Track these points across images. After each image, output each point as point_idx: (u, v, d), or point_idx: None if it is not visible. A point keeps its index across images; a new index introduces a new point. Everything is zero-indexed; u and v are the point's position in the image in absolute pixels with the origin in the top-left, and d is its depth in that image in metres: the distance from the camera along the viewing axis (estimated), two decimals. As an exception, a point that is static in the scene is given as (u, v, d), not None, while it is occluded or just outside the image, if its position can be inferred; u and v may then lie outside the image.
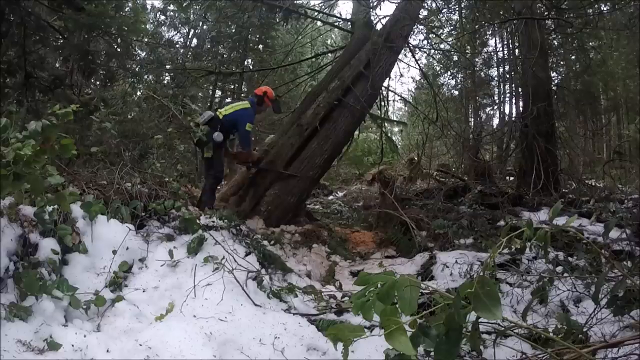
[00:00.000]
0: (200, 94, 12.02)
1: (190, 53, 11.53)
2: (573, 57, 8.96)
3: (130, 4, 8.81)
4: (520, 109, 8.18)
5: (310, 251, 4.25)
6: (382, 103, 6.95)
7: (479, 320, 1.10)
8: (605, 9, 6.45)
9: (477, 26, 7.44)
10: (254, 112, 4.44)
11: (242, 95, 11.97)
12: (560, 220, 1.46)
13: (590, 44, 8.54)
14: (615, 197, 5.26)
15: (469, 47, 8.74)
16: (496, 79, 11.39)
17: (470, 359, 1.93)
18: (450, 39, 8.79)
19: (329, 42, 11.52)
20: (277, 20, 7.54)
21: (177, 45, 11.96)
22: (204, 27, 11.74)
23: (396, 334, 0.98)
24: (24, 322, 1.76)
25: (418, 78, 11.02)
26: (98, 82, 9.01)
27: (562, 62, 9.64)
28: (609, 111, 12.09)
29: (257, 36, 11.49)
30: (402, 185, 6.49)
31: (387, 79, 6.12)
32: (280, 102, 4.88)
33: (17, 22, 5.04)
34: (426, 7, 7.36)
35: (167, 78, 10.44)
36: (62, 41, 6.42)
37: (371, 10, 6.13)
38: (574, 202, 5.11)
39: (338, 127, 5.08)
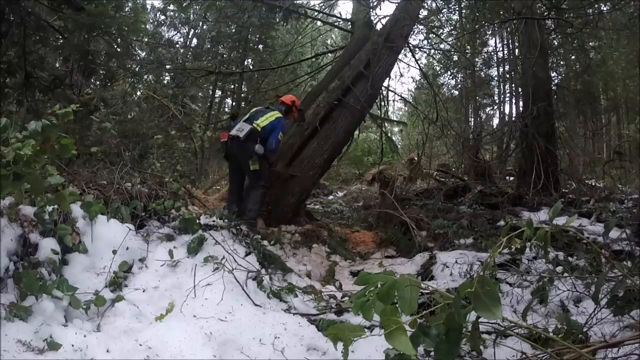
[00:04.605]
0: (200, 94, 12.02)
1: (190, 53, 11.53)
2: (573, 57, 8.96)
3: (130, 4, 8.82)
4: (520, 109, 8.18)
5: (310, 251, 4.25)
6: (382, 103, 6.96)
7: (479, 320, 1.10)
8: (605, 9, 6.46)
9: (477, 26, 7.44)
10: (285, 121, 4.38)
11: (242, 95, 11.97)
12: (560, 220, 1.46)
13: (590, 44, 8.54)
14: (615, 197, 5.26)
15: (469, 47, 8.74)
16: (496, 79, 11.40)
17: (470, 359, 1.92)
18: (450, 39, 8.80)
19: (329, 42, 11.52)
20: (277, 20, 7.55)
21: (177, 45, 11.97)
22: (204, 27, 11.75)
23: (396, 334, 0.98)
24: (24, 322, 1.76)
25: (418, 78, 11.05)
26: (98, 82, 9.01)
27: (562, 62, 9.64)
28: (609, 111, 12.09)
29: (257, 36, 11.49)
30: (402, 185, 6.49)
31: (387, 79, 6.13)
32: (304, 112, 4.85)
33: (17, 22, 5.04)
34: (426, 7, 7.38)
35: (167, 78, 10.46)
36: (62, 41, 6.42)
37: (371, 10, 6.14)
38: (574, 202, 5.11)
39: (338, 127, 5.08)
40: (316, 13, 7.23)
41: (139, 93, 9.07)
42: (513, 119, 9.43)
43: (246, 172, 4.15)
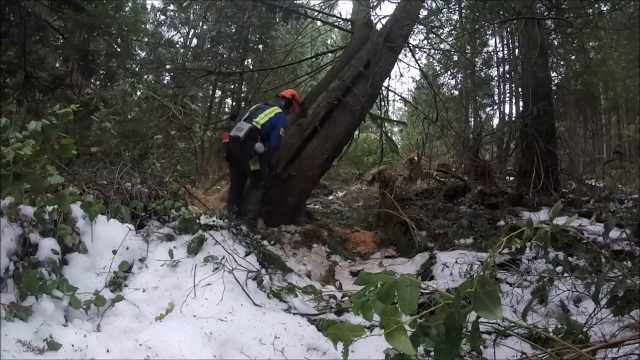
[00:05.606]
0: (200, 94, 12.01)
1: (190, 53, 11.51)
2: (573, 57, 8.94)
3: (130, 4, 8.82)
4: (520, 109, 8.18)
5: (310, 251, 4.25)
6: (382, 103, 6.96)
7: (479, 320, 1.10)
8: (605, 9, 6.46)
9: (477, 26, 7.44)
10: (285, 116, 4.30)
11: (242, 95, 11.97)
12: (560, 220, 1.46)
13: (590, 44, 8.53)
14: (615, 197, 5.26)
15: (469, 47, 8.73)
16: (496, 79, 11.37)
17: (470, 359, 1.92)
18: (450, 39, 8.79)
19: (329, 42, 11.52)
20: (277, 20, 7.54)
21: (177, 45, 11.95)
22: (204, 27, 11.73)
23: (396, 334, 0.98)
24: (24, 322, 1.76)
25: (418, 78, 11.02)
26: (98, 82, 9.00)
27: (562, 62, 9.63)
28: (609, 111, 12.10)
29: (257, 36, 11.46)
30: (402, 185, 6.49)
31: (387, 79, 6.13)
32: (305, 106, 4.81)
33: (17, 22, 5.05)
34: (426, 7, 7.37)
35: (167, 78, 10.45)
36: (62, 41, 6.42)
37: (371, 10, 6.13)
38: (574, 202, 5.11)
39: (338, 127, 5.08)
40: (316, 13, 7.23)
41: (139, 93, 9.06)
42: (513, 119, 9.42)
43: (247, 173, 4.13)
